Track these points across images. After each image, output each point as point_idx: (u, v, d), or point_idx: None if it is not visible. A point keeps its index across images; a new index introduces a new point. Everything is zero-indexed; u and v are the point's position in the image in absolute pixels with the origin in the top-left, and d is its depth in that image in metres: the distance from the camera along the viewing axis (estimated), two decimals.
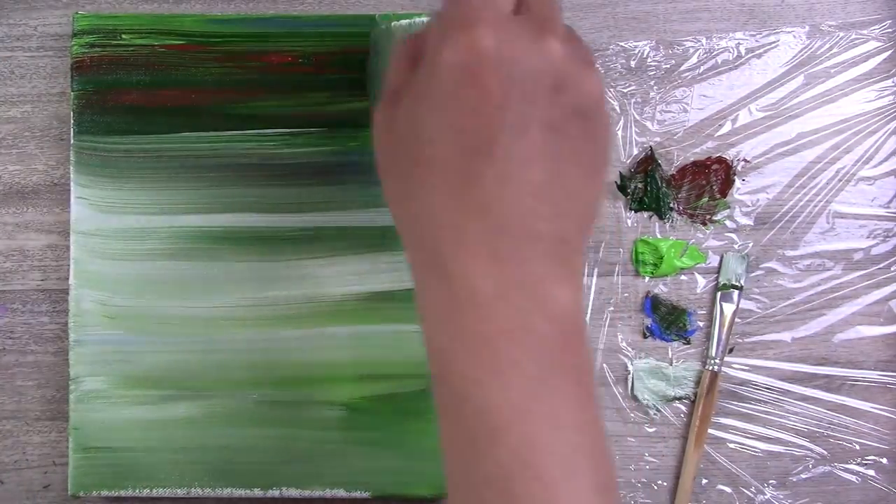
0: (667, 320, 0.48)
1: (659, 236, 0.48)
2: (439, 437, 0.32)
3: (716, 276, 0.48)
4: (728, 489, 0.48)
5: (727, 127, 0.48)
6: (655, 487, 0.48)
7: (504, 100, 0.31)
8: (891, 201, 0.48)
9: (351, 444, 0.46)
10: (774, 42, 0.48)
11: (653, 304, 0.48)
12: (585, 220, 0.34)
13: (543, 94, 0.31)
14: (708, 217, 0.48)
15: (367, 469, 0.46)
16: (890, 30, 0.48)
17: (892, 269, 0.48)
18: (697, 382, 0.48)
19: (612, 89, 0.48)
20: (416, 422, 0.46)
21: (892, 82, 0.48)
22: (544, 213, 0.31)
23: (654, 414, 0.48)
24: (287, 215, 0.46)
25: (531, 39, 0.31)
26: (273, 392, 0.46)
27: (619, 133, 0.48)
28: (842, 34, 0.48)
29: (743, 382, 0.48)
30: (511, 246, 0.31)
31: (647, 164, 0.48)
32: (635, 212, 0.48)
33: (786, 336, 0.48)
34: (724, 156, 0.48)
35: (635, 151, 0.48)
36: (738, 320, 0.48)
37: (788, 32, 0.48)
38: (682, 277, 0.48)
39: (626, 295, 0.48)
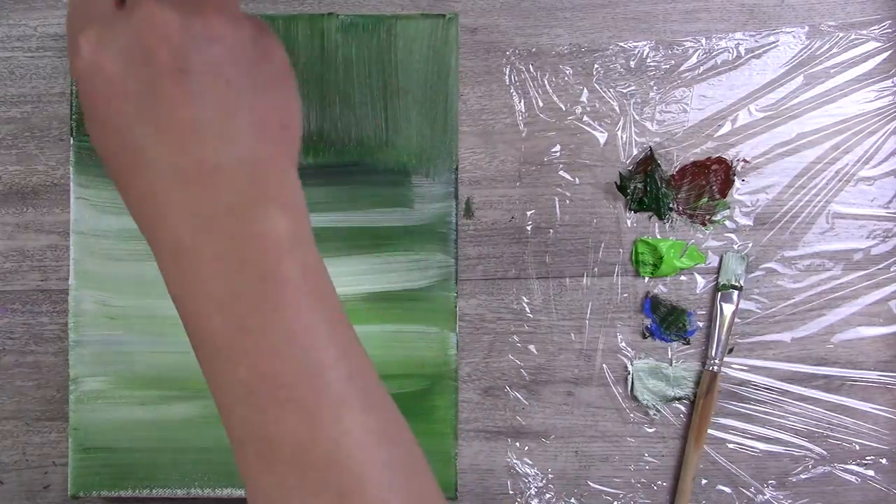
0: (666, 321, 0.48)
1: (659, 236, 0.48)
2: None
3: (715, 276, 0.48)
4: (728, 489, 0.48)
5: (727, 127, 0.48)
6: (655, 487, 0.48)
7: (172, 56, 0.33)
8: (890, 201, 0.48)
9: None
10: (774, 42, 0.48)
11: (652, 305, 0.48)
12: (286, 147, 0.35)
13: (204, 44, 0.34)
14: (708, 217, 0.48)
15: None
16: (890, 30, 0.48)
17: (891, 269, 0.48)
18: (697, 383, 0.48)
19: (612, 89, 0.48)
20: (416, 422, 0.46)
21: (892, 82, 0.48)
22: (228, 143, 0.33)
23: (654, 414, 0.48)
24: None
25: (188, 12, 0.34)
26: None
27: (619, 133, 0.48)
28: (841, 34, 0.48)
29: (742, 383, 0.48)
30: (200, 181, 0.33)
31: (647, 164, 0.48)
32: (635, 212, 0.48)
33: (785, 336, 0.48)
34: (723, 156, 0.48)
35: (635, 152, 0.48)
36: (738, 320, 0.48)
37: (788, 33, 0.48)
38: (682, 278, 0.48)
39: (625, 295, 0.48)
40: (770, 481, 0.48)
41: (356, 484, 0.31)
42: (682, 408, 0.48)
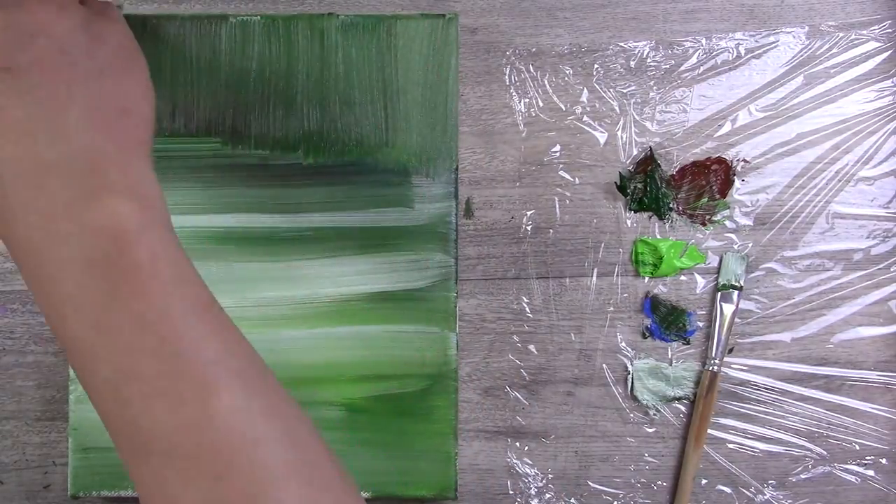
0: (666, 321, 0.48)
1: (658, 236, 0.48)
2: None
3: (715, 276, 0.48)
4: (728, 489, 0.48)
5: (727, 127, 0.48)
6: (655, 487, 0.48)
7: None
8: (890, 201, 0.48)
9: (351, 444, 0.46)
10: (774, 42, 0.48)
11: (652, 305, 0.48)
12: (128, 133, 0.34)
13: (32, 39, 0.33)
14: (707, 217, 0.48)
15: (367, 469, 0.46)
16: (890, 30, 0.48)
17: (891, 269, 0.48)
18: (697, 383, 0.48)
19: (612, 89, 0.48)
20: (416, 422, 0.46)
21: (892, 82, 0.48)
22: (61, 138, 0.32)
23: (654, 414, 0.48)
24: (287, 215, 0.46)
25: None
26: None
27: (619, 133, 0.48)
28: (841, 34, 0.48)
29: (742, 383, 0.48)
30: (37, 180, 0.32)
31: (647, 164, 0.48)
32: (635, 212, 0.48)
33: (785, 336, 0.48)
34: (723, 156, 0.48)
35: (635, 152, 0.48)
36: (738, 320, 0.48)
37: (788, 33, 0.48)
38: (682, 278, 0.48)
39: (625, 295, 0.48)
40: (770, 481, 0.48)
41: (227, 465, 0.30)
42: (682, 408, 0.48)
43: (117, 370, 0.31)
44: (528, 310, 0.48)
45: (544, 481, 0.48)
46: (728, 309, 0.48)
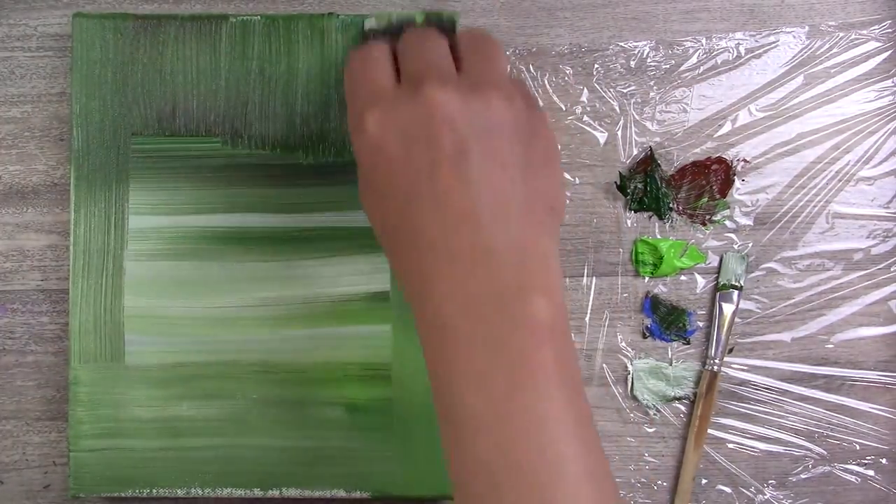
0: (666, 320, 0.48)
1: (659, 236, 0.48)
2: (441, 439, 0.35)
3: (715, 276, 0.48)
4: (728, 489, 0.48)
5: (727, 127, 0.48)
6: (655, 487, 0.48)
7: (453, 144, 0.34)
8: (890, 201, 0.48)
9: (351, 444, 0.46)
10: (774, 42, 0.48)
11: (652, 305, 0.48)
12: (552, 229, 0.36)
13: (496, 136, 0.35)
14: (707, 217, 0.48)
15: (367, 469, 0.46)
16: (890, 30, 0.48)
17: (891, 269, 0.48)
18: (697, 382, 0.48)
19: (612, 89, 0.48)
20: (416, 422, 0.46)
21: (892, 82, 0.48)
22: (502, 228, 0.34)
23: (654, 414, 0.48)
24: (287, 215, 0.46)
25: (474, 98, 0.35)
26: (273, 392, 0.46)
27: (619, 133, 0.48)
28: (842, 34, 0.48)
29: (742, 382, 0.48)
30: (470, 263, 0.34)
31: (647, 164, 0.48)
32: (635, 212, 0.48)
33: (785, 336, 0.48)
34: (723, 156, 0.48)
35: (635, 151, 0.48)
36: (738, 320, 0.48)
37: (788, 32, 0.48)
38: (682, 277, 0.48)
39: (625, 295, 0.48)
40: (770, 481, 0.48)
41: None
42: (682, 408, 0.48)
43: (500, 452, 0.32)
44: None
45: None
46: (728, 309, 0.48)
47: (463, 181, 0.34)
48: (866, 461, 0.48)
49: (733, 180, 0.48)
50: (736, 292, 0.48)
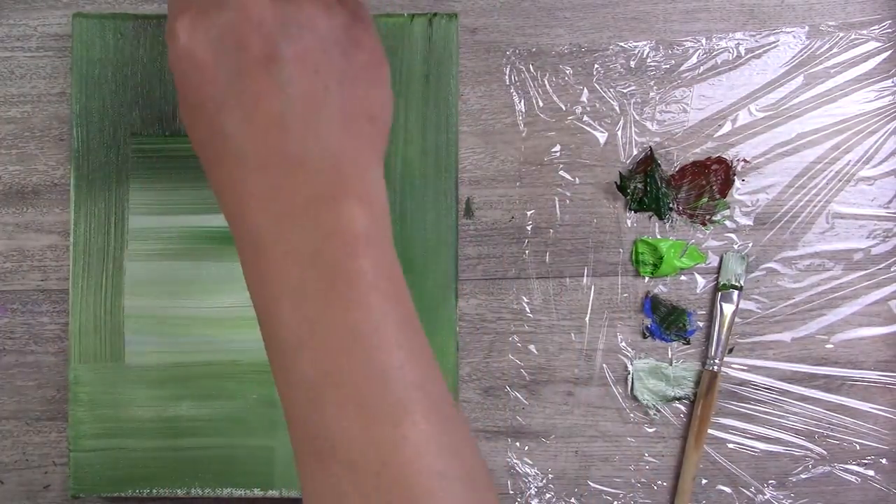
0: (666, 320, 0.48)
1: (659, 236, 0.48)
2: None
3: (715, 276, 0.48)
4: (728, 489, 0.48)
5: (727, 127, 0.48)
6: (655, 487, 0.48)
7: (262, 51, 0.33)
8: (891, 201, 0.48)
9: None
10: (774, 42, 0.48)
11: (653, 305, 0.48)
12: (373, 139, 0.35)
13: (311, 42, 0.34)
14: (708, 217, 0.48)
15: None
16: (890, 30, 0.48)
17: (891, 269, 0.48)
18: (697, 382, 0.48)
19: (612, 89, 0.48)
20: None
21: (892, 82, 0.48)
22: (313, 135, 0.33)
23: (654, 414, 0.48)
24: None
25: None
26: (273, 392, 0.46)
27: (619, 133, 0.48)
28: (842, 34, 0.48)
29: (742, 382, 0.48)
30: (281, 172, 0.32)
31: (647, 164, 0.48)
32: (635, 212, 0.48)
33: (786, 336, 0.48)
34: (723, 156, 0.48)
35: (635, 152, 0.48)
36: (738, 320, 0.48)
37: (788, 33, 0.48)
38: (682, 277, 0.48)
39: (625, 295, 0.48)
40: (770, 481, 0.48)
41: (408, 492, 0.30)
42: (682, 408, 0.48)
43: (320, 371, 0.31)
44: (528, 310, 0.48)
45: (544, 481, 0.48)
46: (728, 309, 0.48)
47: (272, 86, 0.32)
48: (866, 461, 0.48)
49: (733, 180, 0.48)
50: (736, 292, 0.48)
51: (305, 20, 0.34)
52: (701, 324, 0.48)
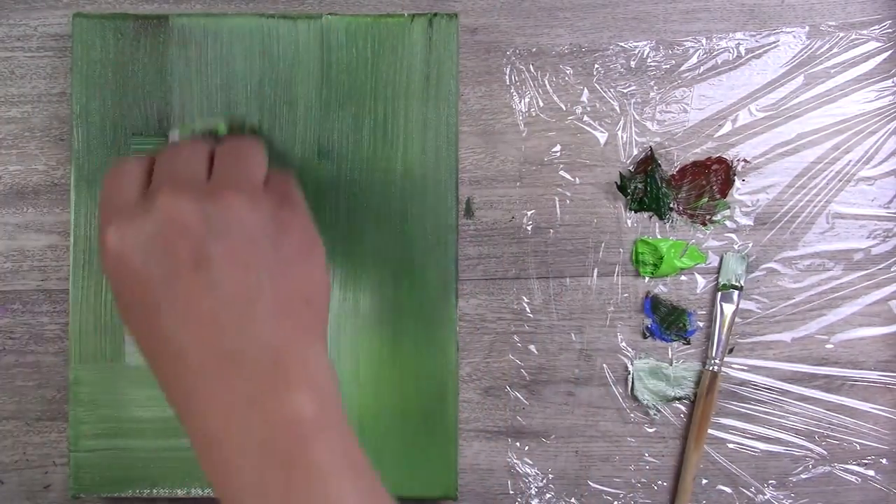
0: (667, 320, 0.48)
1: (659, 236, 0.48)
2: None
3: (716, 276, 0.48)
4: (728, 489, 0.48)
5: (727, 127, 0.48)
6: (655, 487, 0.48)
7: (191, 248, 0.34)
8: (891, 201, 0.48)
9: None
10: (774, 42, 0.48)
11: (653, 305, 0.48)
12: (310, 323, 0.35)
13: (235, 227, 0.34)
14: (708, 217, 0.48)
15: None
16: (890, 30, 0.48)
17: (892, 269, 0.48)
18: (697, 382, 0.48)
19: (612, 89, 0.48)
20: (416, 422, 0.46)
21: (892, 82, 0.48)
22: (248, 330, 0.33)
23: (654, 414, 0.48)
24: None
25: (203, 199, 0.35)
26: None
27: (619, 133, 0.48)
28: (842, 34, 0.48)
29: (743, 382, 0.48)
30: (221, 371, 0.33)
31: (647, 164, 0.48)
32: (635, 212, 0.48)
33: (786, 336, 0.48)
34: (724, 156, 0.48)
35: (635, 152, 0.48)
36: (738, 320, 0.48)
37: (788, 33, 0.48)
38: (682, 278, 0.48)
39: (626, 295, 0.48)
40: (770, 481, 0.48)
41: None
42: (683, 408, 0.48)
43: None
44: (528, 310, 0.48)
45: (545, 481, 0.48)
46: (728, 309, 0.48)
47: (203, 287, 0.33)
48: (866, 461, 0.48)
49: (733, 180, 0.48)
50: (736, 292, 0.48)
51: (231, 217, 0.34)
52: (701, 324, 0.48)
